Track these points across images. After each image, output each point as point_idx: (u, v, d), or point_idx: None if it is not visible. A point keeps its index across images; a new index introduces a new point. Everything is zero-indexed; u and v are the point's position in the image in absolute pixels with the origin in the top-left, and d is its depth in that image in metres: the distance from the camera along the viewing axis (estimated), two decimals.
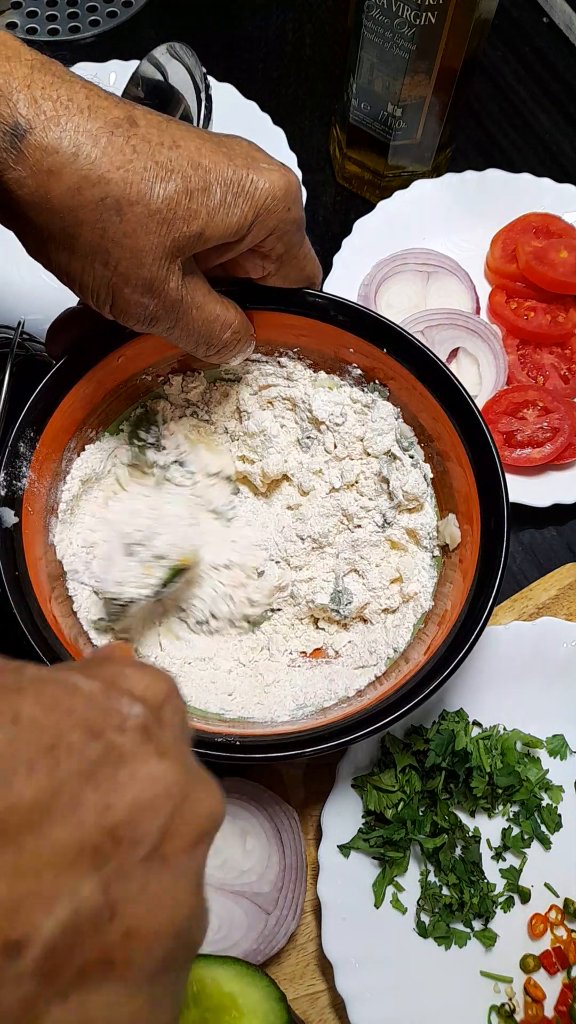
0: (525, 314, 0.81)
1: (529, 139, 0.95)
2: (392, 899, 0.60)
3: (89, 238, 0.46)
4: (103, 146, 0.45)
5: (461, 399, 0.58)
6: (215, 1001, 0.52)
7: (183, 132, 0.49)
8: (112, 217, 0.46)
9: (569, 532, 0.76)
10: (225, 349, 0.56)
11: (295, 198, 0.52)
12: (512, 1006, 0.58)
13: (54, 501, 0.59)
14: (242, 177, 0.49)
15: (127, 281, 0.48)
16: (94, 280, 0.48)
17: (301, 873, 0.58)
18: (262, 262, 0.55)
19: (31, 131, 0.44)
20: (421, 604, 0.60)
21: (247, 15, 1.00)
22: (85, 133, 0.45)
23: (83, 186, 0.45)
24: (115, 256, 0.47)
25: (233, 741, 0.51)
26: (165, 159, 0.47)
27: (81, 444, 0.61)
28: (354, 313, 0.60)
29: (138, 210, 0.46)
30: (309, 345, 0.63)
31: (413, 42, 0.71)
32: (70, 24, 0.97)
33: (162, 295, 0.49)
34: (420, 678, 0.52)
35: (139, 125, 0.47)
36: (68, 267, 0.48)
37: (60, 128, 0.44)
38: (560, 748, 0.65)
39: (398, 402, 0.62)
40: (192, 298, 0.52)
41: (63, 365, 0.57)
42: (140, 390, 0.63)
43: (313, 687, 0.59)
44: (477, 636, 0.52)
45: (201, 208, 0.48)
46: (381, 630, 0.61)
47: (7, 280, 0.79)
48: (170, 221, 0.47)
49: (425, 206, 0.84)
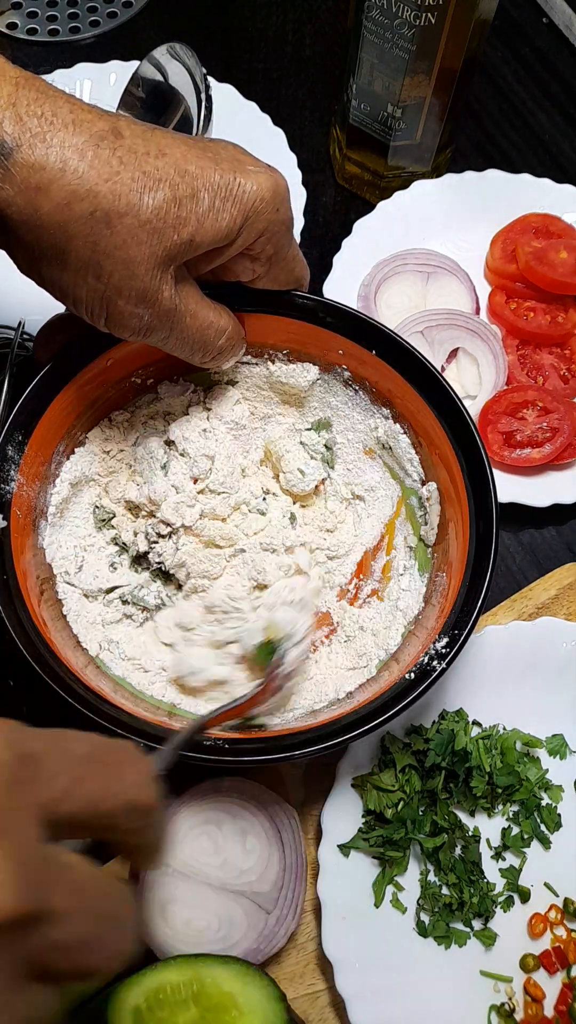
0: (525, 314, 0.81)
1: (529, 139, 0.95)
2: (392, 898, 0.60)
3: (80, 252, 0.46)
4: (89, 159, 0.45)
5: (450, 400, 0.58)
6: (215, 1001, 0.52)
7: (168, 140, 0.49)
8: (102, 230, 0.46)
9: (569, 532, 0.76)
10: (220, 355, 0.57)
11: (283, 199, 0.52)
12: (512, 1005, 0.58)
13: (43, 504, 0.59)
14: (229, 181, 0.49)
15: (120, 293, 0.48)
16: (87, 294, 0.48)
17: (301, 872, 0.58)
18: (252, 265, 0.55)
19: (18, 149, 0.44)
20: (411, 605, 0.60)
21: (247, 15, 1.00)
22: (71, 148, 0.45)
23: (72, 201, 0.45)
24: (107, 268, 0.47)
25: (221, 744, 0.51)
26: (152, 168, 0.47)
27: (70, 447, 0.61)
28: (343, 315, 0.60)
29: (128, 221, 0.46)
30: (299, 347, 0.63)
31: (413, 42, 0.71)
32: (70, 24, 0.97)
33: (156, 305, 0.49)
34: (410, 680, 0.52)
35: (124, 136, 0.47)
36: (60, 282, 0.48)
37: (46, 144, 0.45)
38: (560, 748, 0.65)
39: (386, 402, 0.62)
40: (185, 306, 0.52)
41: (51, 369, 0.57)
42: (129, 393, 0.63)
43: (302, 689, 0.59)
44: (466, 638, 0.52)
45: (190, 215, 0.48)
46: (370, 632, 0.61)
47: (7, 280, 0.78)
48: (160, 230, 0.47)
49: (425, 206, 0.84)
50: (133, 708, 0.53)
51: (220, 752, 0.51)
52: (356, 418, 0.65)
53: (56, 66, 0.89)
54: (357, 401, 0.64)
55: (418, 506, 0.63)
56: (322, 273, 0.80)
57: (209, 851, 0.58)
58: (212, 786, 0.59)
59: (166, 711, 0.58)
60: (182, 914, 0.56)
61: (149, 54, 0.74)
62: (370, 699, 0.53)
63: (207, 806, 0.58)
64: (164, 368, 0.63)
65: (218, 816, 0.58)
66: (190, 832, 0.58)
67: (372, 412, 0.64)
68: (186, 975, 0.53)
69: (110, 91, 0.85)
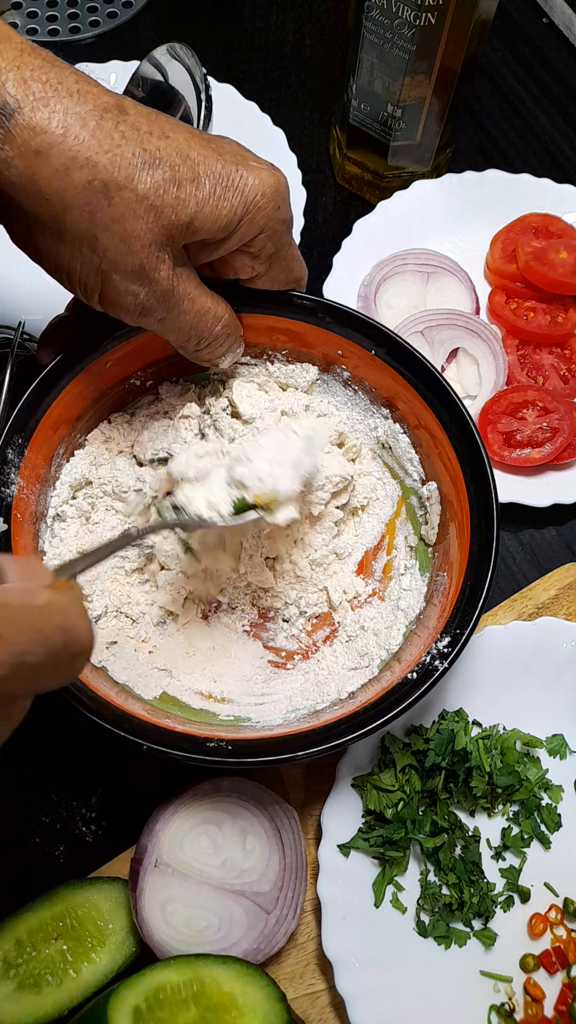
0: (525, 314, 0.81)
1: (529, 139, 0.95)
2: (392, 898, 0.60)
3: (77, 222, 0.46)
4: (92, 129, 0.45)
5: (450, 400, 0.58)
6: (215, 1001, 0.52)
7: (172, 125, 0.49)
8: (100, 200, 0.46)
9: (569, 532, 0.76)
10: (215, 343, 0.56)
11: (284, 197, 0.52)
12: (512, 1005, 0.58)
13: (43, 507, 0.59)
14: (231, 172, 0.49)
15: (116, 267, 0.48)
16: (83, 266, 0.48)
17: (301, 872, 0.58)
18: (251, 262, 0.55)
19: (19, 111, 0.44)
20: (412, 605, 0.60)
21: (247, 15, 1.00)
22: (74, 115, 0.45)
23: (71, 167, 0.45)
24: (104, 242, 0.47)
25: (224, 746, 0.51)
26: (153, 148, 0.47)
27: (70, 450, 0.61)
28: (342, 315, 0.60)
29: (126, 195, 0.46)
30: (298, 348, 0.63)
31: (413, 42, 0.71)
32: (70, 24, 0.97)
33: (153, 283, 0.49)
34: (413, 679, 0.52)
35: (128, 113, 0.47)
36: (57, 254, 0.48)
37: (49, 109, 0.44)
38: (560, 748, 0.65)
39: (386, 402, 0.62)
40: (184, 289, 0.51)
41: (51, 371, 0.57)
42: (129, 394, 0.63)
43: (305, 690, 0.59)
44: (468, 637, 0.53)
45: (190, 198, 0.48)
46: (372, 632, 0.61)
47: (7, 280, 0.79)
48: (159, 208, 0.47)
49: (425, 207, 0.84)
50: (138, 711, 0.53)
51: (223, 754, 0.51)
52: (356, 418, 0.65)
53: None
54: (357, 401, 0.64)
55: (418, 506, 0.63)
56: (322, 273, 0.80)
57: (209, 851, 0.58)
58: (212, 786, 0.59)
59: (165, 711, 0.58)
60: (182, 914, 0.56)
61: (149, 54, 0.74)
62: (373, 699, 0.53)
63: (207, 806, 0.59)
64: (163, 369, 0.63)
65: (218, 816, 0.58)
66: (190, 832, 0.58)
67: (372, 412, 0.64)
68: (186, 975, 0.53)
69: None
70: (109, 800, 0.64)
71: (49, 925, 0.57)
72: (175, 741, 0.51)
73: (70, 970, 0.55)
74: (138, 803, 0.61)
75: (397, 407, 0.62)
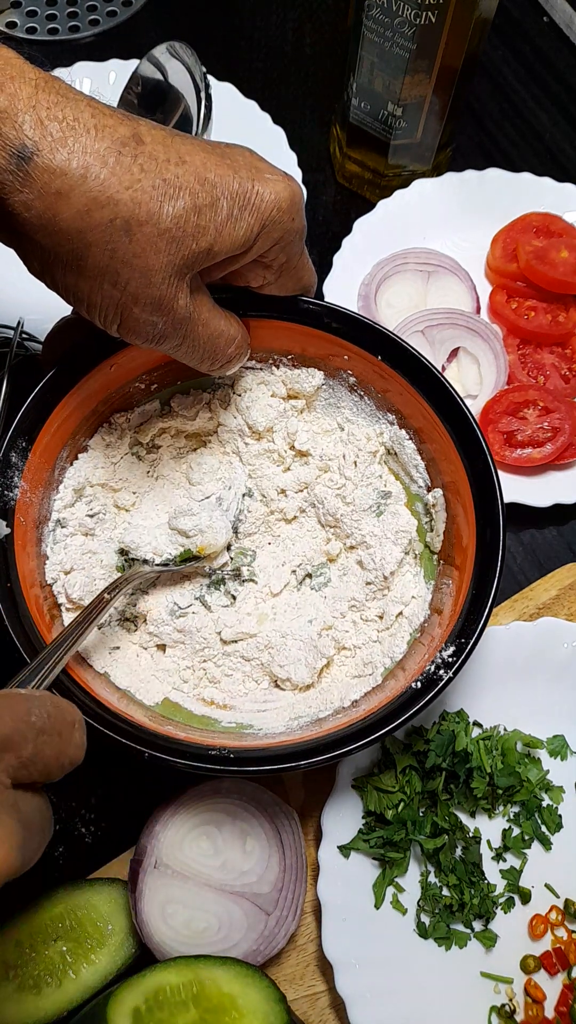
0: (525, 314, 0.81)
1: (529, 139, 0.94)
2: (392, 900, 0.60)
3: (98, 259, 0.46)
4: (111, 166, 0.45)
5: (456, 405, 0.58)
6: (215, 1002, 0.52)
7: (188, 147, 0.48)
8: (121, 238, 0.46)
9: (569, 532, 0.76)
10: (228, 364, 0.56)
11: (299, 208, 0.52)
12: (512, 1007, 0.58)
13: (47, 511, 0.58)
14: (247, 189, 0.49)
15: (136, 301, 0.48)
16: (103, 300, 0.48)
17: (301, 874, 0.58)
18: (263, 272, 0.55)
19: (38, 153, 0.43)
20: (416, 614, 0.59)
21: (247, 15, 1.00)
22: (93, 154, 0.44)
23: (92, 208, 0.45)
24: (124, 276, 0.47)
25: (227, 754, 0.51)
26: (172, 176, 0.47)
27: (74, 453, 0.61)
28: (348, 320, 0.60)
29: (147, 230, 0.46)
30: (304, 352, 0.63)
31: (413, 41, 0.71)
32: (70, 23, 0.97)
33: (171, 313, 0.49)
34: (417, 689, 0.52)
35: (145, 142, 0.47)
36: (76, 288, 0.48)
37: (68, 149, 0.44)
38: (560, 748, 0.64)
39: (392, 408, 0.62)
40: (199, 314, 0.51)
41: (55, 374, 0.57)
42: (132, 398, 0.63)
43: (307, 698, 0.59)
44: (473, 647, 0.52)
45: (209, 224, 0.48)
46: (376, 640, 0.61)
47: (7, 280, 0.78)
48: (179, 239, 0.47)
49: (425, 205, 0.84)
50: (140, 718, 0.53)
51: (225, 762, 0.51)
52: (362, 423, 0.65)
53: (55, 65, 0.89)
54: (362, 407, 0.64)
55: (424, 512, 0.63)
56: (322, 272, 0.80)
57: (209, 852, 0.57)
58: (212, 787, 0.59)
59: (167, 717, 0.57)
60: (182, 915, 0.56)
61: (149, 53, 0.74)
62: (376, 708, 0.52)
63: (207, 807, 0.58)
64: (166, 373, 0.63)
65: (218, 817, 0.58)
66: (190, 833, 0.58)
67: (378, 417, 0.64)
68: (186, 976, 0.53)
69: (109, 90, 0.85)
70: (108, 801, 0.64)
71: (49, 926, 0.56)
72: (177, 749, 0.51)
73: (69, 971, 0.55)
74: (137, 804, 0.60)
75: (402, 412, 0.62)
